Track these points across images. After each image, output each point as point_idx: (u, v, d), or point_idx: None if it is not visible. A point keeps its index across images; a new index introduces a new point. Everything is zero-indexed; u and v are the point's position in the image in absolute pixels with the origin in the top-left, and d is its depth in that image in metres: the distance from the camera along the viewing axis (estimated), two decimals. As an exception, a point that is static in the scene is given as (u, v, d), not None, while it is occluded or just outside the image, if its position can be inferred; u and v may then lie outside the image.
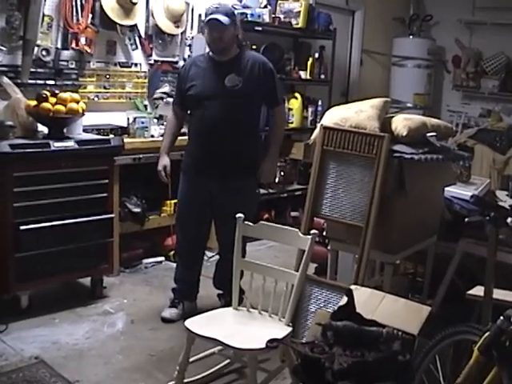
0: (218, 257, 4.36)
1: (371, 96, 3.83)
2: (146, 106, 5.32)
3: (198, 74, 3.96)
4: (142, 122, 4.89)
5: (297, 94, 6.35)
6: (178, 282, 4.22)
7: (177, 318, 4.09)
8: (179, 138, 4.22)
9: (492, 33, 7.76)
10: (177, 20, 5.39)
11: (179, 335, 3.44)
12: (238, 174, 3.94)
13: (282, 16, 6.10)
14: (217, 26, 3.79)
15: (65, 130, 4.17)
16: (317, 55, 6.50)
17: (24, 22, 4.37)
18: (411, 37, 8.16)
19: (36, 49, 4.48)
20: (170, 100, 5.15)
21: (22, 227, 3.83)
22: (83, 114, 4.20)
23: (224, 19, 3.76)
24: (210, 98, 3.88)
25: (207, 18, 3.85)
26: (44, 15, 4.51)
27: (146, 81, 5.35)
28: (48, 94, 4.04)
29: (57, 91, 4.14)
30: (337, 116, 3.64)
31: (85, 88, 4.89)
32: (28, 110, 4.02)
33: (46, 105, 3.98)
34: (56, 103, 4.03)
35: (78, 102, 4.14)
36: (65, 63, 4.73)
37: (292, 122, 6.28)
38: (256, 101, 4.01)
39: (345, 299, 2.80)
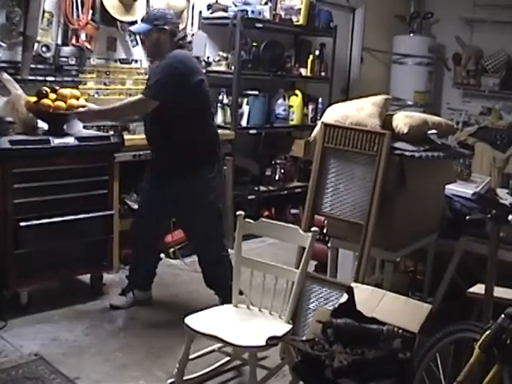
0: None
1: (372, 93, 3.82)
2: (146, 103, 5.31)
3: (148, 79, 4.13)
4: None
5: (297, 92, 6.34)
6: (130, 271, 4.34)
7: (124, 305, 4.21)
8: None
9: (493, 31, 7.76)
10: (177, 17, 5.38)
11: (179, 332, 3.43)
12: (174, 178, 3.94)
13: (282, 13, 6.09)
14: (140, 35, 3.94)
15: (65, 127, 4.15)
16: (317, 52, 6.49)
17: (24, 18, 4.37)
18: (412, 34, 8.14)
19: (36, 45, 4.47)
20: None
21: (22, 224, 3.83)
22: None
23: (140, 28, 3.99)
24: None
25: None
26: (44, 11, 4.51)
27: (147, 77, 5.32)
28: (48, 90, 4.03)
29: (57, 87, 4.14)
30: (337, 113, 3.64)
31: (85, 84, 4.89)
32: (28, 106, 4.01)
33: (46, 101, 3.97)
34: (56, 99, 4.02)
35: (78, 99, 4.13)
36: (65, 59, 4.71)
37: (292, 120, 6.28)
38: (171, 106, 3.80)
39: (345, 297, 2.80)
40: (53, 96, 4.02)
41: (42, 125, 4.14)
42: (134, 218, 4.31)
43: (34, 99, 4.00)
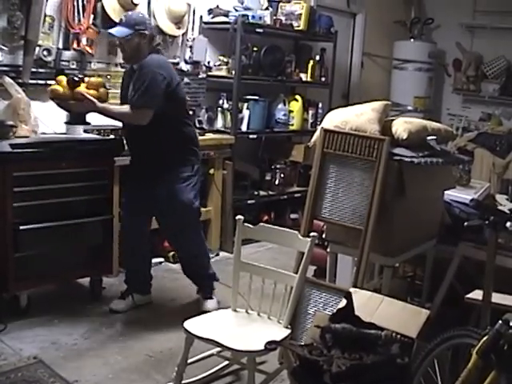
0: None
1: (372, 99, 3.83)
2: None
3: (123, 82, 4.19)
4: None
5: (297, 97, 6.35)
6: (127, 278, 4.36)
7: (123, 309, 4.23)
8: None
9: (493, 37, 7.78)
10: (178, 21, 5.40)
11: (178, 336, 3.44)
12: (155, 179, 4.04)
13: (283, 18, 6.10)
14: (117, 39, 3.99)
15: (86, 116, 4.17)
16: (318, 58, 6.51)
17: (25, 22, 4.37)
18: (412, 40, 8.17)
19: (37, 49, 4.48)
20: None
21: (22, 227, 3.83)
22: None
23: (118, 31, 3.94)
24: None
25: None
26: (45, 15, 4.52)
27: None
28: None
29: (80, 76, 4.11)
30: (337, 119, 3.64)
31: (86, 88, 4.88)
32: (56, 95, 3.92)
33: (81, 89, 3.90)
34: (88, 88, 3.99)
35: (104, 86, 4.11)
36: (66, 63, 4.73)
37: (292, 125, 6.29)
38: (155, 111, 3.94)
39: (344, 302, 2.81)
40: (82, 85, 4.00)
41: (45, 121, 4.16)
42: (123, 222, 4.33)
43: (59, 88, 3.93)
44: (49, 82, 4.57)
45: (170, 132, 4.01)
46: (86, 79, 4.13)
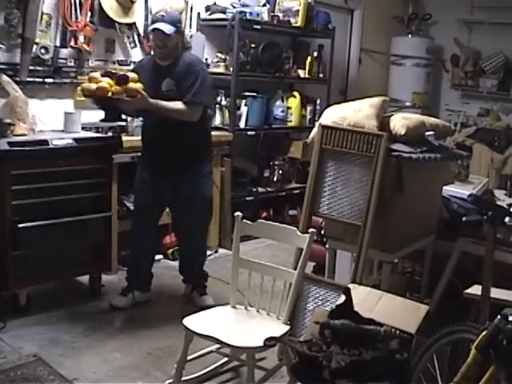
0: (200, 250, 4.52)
1: (370, 95, 3.83)
2: (144, 105, 5.30)
3: (143, 77, 4.06)
4: (141, 121, 4.88)
5: (295, 93, 6.35)
6: (129, 274, 4.38)
7: (124, 306, 4.24)
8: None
9: (491, 32, 7.77)
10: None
11: (177, 333, 3.44)
12: (179, 174, 4.10)
13: (280, 15, 6.09)
14: (161, 36, 3.92)
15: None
16: (315, 54, 6.49)
17: (23, 19, 4.36)
18: (410, 36, 8.16)
19: (35, 47, 4.48)
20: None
21: (21, 225, 3.83)
22: None
23: (168, 29, 3.89)
24: None
25: (151, 27, 3.98)
26: (43, 13, 4.51)
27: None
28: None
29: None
30: (335, 115, 3.64)
31: (83, 86, 4.88)
32: (105, 92, 3.81)
33: (134, 85, 3.86)
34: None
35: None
36: (63, 61, 4.73)
37: (290, 121, 6.29)
38: None
39: (343, 298, 2.81)
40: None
41: (42, 119, 4.17)
42: (134, 220, 4.35)
43: (106, 85, 3.82)
44: (46, 80, 4.59)
45: (198, 129, 4.09)
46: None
